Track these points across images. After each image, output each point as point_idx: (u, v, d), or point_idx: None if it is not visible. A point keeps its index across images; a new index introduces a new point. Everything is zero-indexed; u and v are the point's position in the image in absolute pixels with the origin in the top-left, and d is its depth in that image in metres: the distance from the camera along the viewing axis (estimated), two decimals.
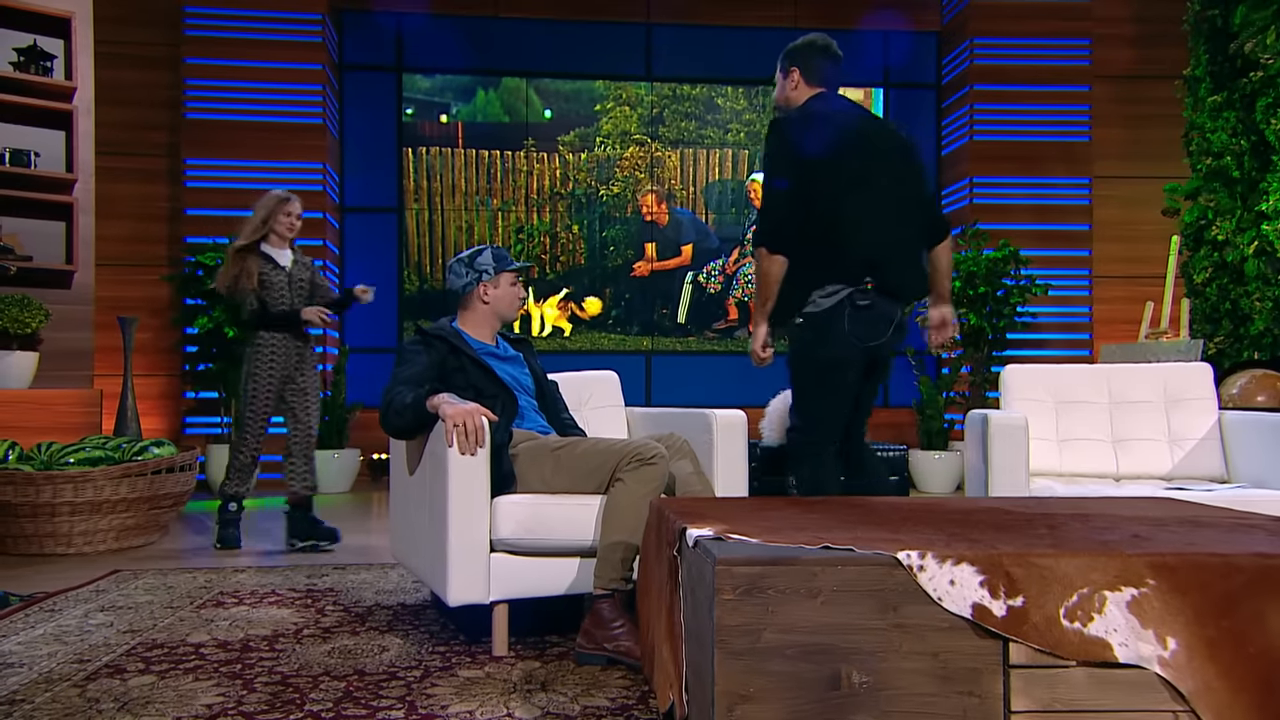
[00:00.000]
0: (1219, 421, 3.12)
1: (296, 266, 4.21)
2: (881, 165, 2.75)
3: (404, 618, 2.78)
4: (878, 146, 2.78)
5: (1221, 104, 6.03)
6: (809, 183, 2.68)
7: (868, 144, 2.76)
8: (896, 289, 2.72)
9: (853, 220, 2.68)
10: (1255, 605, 1.49)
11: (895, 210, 2.74)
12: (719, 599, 1.47)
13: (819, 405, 2.76)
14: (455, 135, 7.42)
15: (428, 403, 2.42)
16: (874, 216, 2.70)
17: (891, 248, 2.72)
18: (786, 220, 2.71)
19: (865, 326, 2.67)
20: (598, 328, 7.55)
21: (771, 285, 2.73)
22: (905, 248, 2.79)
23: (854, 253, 2.67)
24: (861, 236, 2.68)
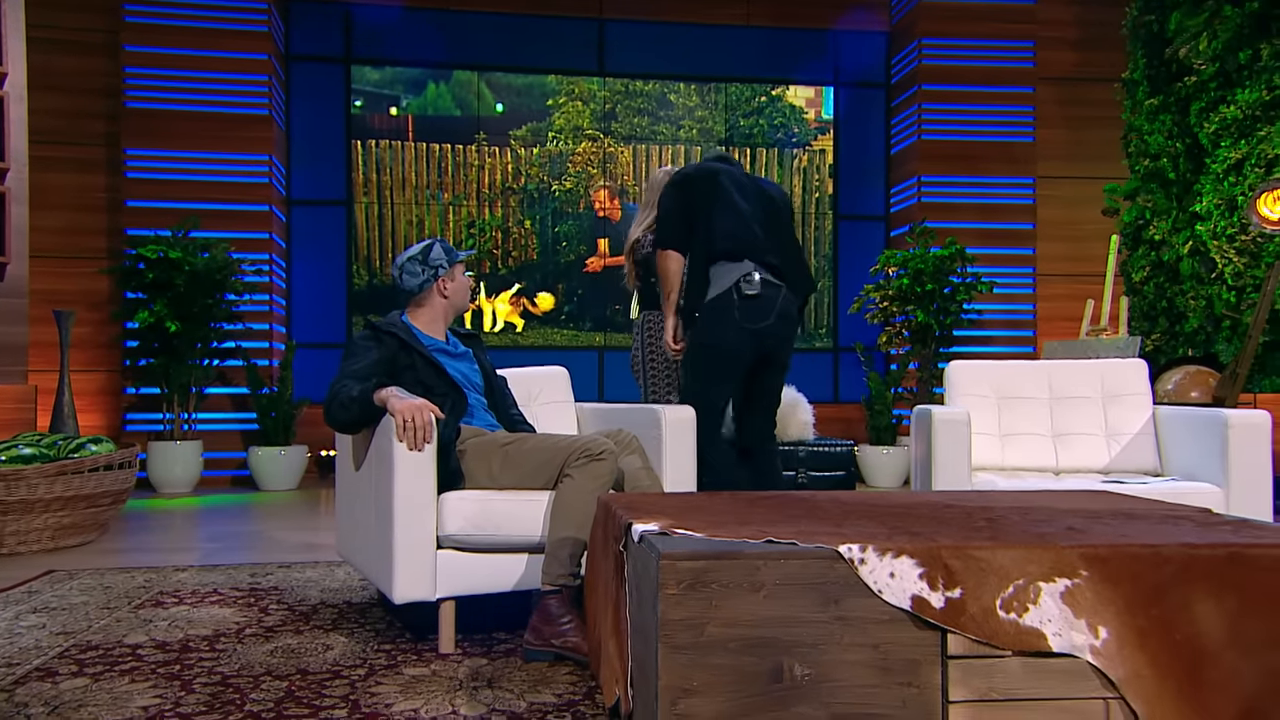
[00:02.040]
0: (1153, 416, 3.21)
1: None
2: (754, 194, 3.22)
3: (349, 616, 2.75)
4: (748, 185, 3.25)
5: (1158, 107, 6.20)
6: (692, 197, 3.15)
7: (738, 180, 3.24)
8: (780, 278, 3.11)
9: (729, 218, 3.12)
10: (1182, 594, 1.53)
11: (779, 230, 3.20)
12: (663, 593, 1.48)
13: (706, 390, 3.06)
14: (405, 128, 7.33)
15: (375, 396, 2.39)
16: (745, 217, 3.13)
17: (782, 255, 3.15)
18: (678, 223, 3.14)
19: (751, 313, 3.02)
20: (550, 323, 7.52)
21: (672, 280, 3.13)
22: (792, 261, 3.19)
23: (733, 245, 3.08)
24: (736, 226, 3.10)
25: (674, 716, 1.46)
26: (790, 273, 3.15)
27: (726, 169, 3.28)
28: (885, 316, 6.57)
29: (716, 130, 7.64)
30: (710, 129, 7.64)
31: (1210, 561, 1.54)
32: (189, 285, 5.94)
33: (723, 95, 7.66)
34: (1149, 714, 1.49)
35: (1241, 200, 5.54)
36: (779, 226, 3.23)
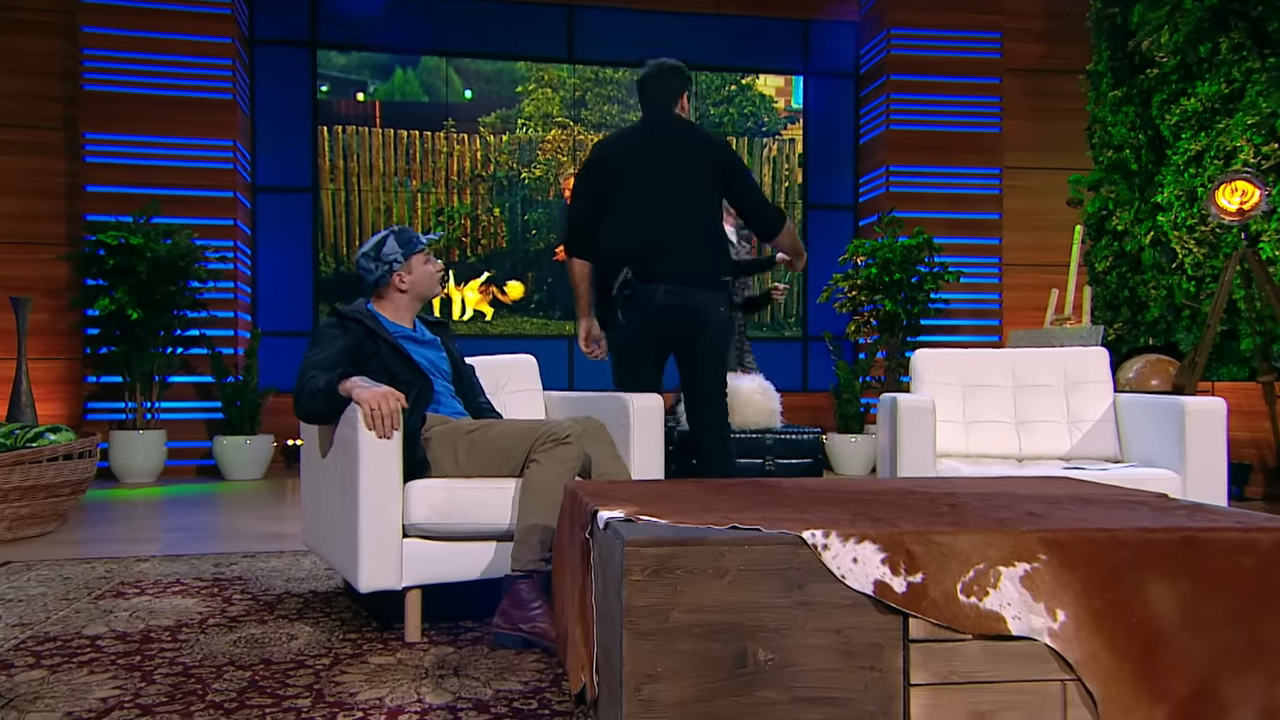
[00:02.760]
0: (1114, 404, 3.26)
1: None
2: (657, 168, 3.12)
3: (315, 605, 2.73)
4: (658, 153, 3.14)
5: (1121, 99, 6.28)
6: (592, 196, 3.15)
7: (642, 154, 3.15)
8: (657, 273, 3.05)
9: (614, 219, 3.11)
10: (1137, 578, 1.56)
11: (667, 208, 3.09)
12: (627, 580, 1.48)
13: (620, 384, 3.14)
14: (373, 114, 7.25)
15: (340, 386, 2.37)
16: (632, 214, 3.09)
17: (655, 239, 3.06)
18: (581, 228, 3.17)
19: (633, 312, 3.05)
20: (520, 312, 7.49)
21: (579, 286, 3.20)
22: (680, 241, 3.08)
23: (614, 248, 3.10)
24: (619, 232, 3.09)
25: (638, 702, 1.46)
26: (675, 264, 3.05)
27: (638, 140, 3.18)
28: (854, 305, 6.62)
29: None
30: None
31: (1165, 545, 1.57)
32: (151, 272, 5.85)
33: (693, 83, 7.65)
34: (1105, 695, 1.52)
35: (1201, 192, 5.63)
36: (676, 204, 3.09)
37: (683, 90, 3.27)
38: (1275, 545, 1.57)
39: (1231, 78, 5.53)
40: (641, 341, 3.10)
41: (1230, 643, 1.55)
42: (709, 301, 3.06)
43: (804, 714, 1.50)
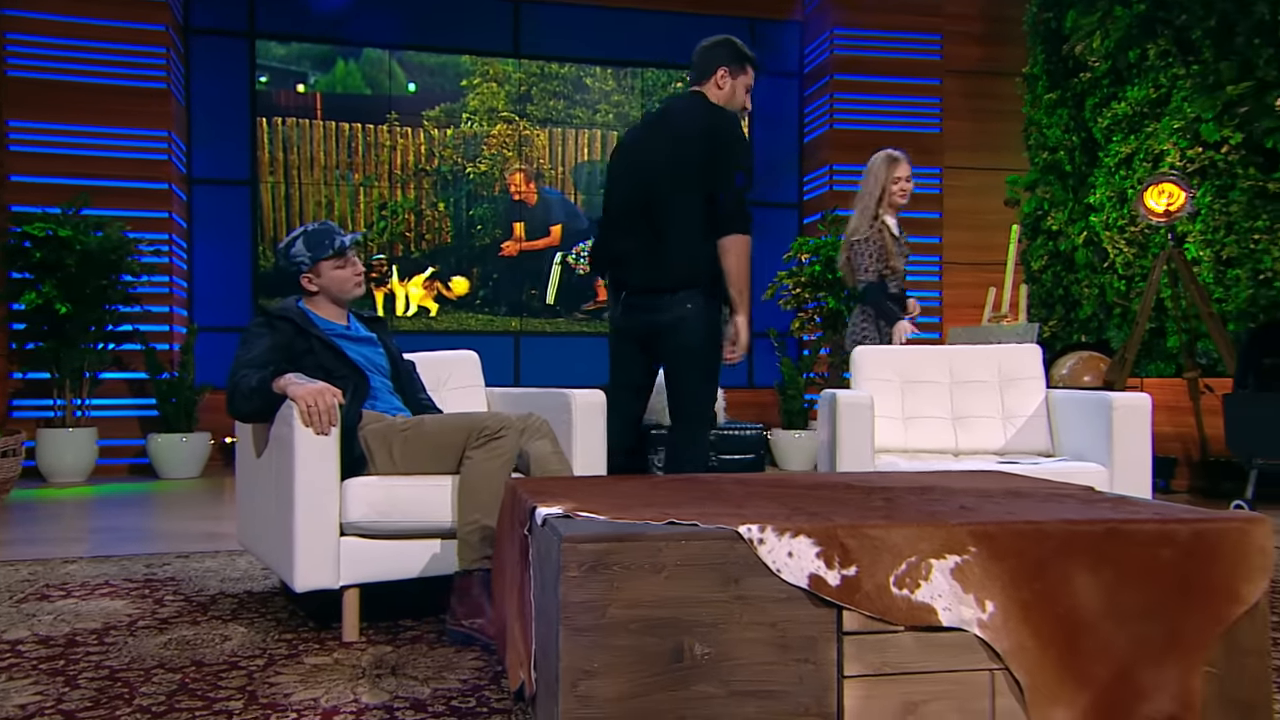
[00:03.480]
0: (1046, 399, 3.34)
1: (903, 239, 4.00)
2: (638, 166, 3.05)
3: (250, 606, 2.68)
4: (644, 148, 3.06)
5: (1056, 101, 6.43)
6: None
7: (632, 151, 3.11)
8: (627, 281, 3.06)
9: (603, 226, 3.16)
10: (1063, 569, 1.60)
11: (640, 209, 3.00)
12: (564, 576, 1.48)
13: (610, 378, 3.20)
14: (313, 106, 7.13)
15: (274, 384, 2.33)
16: (613, 220, 3.11)
17: (624, 246, 3.04)
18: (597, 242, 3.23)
19: (618, 313, 3.12)
20: (465, 308, 7.43)
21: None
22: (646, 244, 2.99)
23: (597, 254, 3.18)
24: (604, 239, 3.14)
25: (575, 698, 1.46)
26: (636, 273, 3.02)
27: (637, 134, 3.15)
28: (798, 303, 6.69)
29: (633, 115, 7.63)
30: (627, 113, 7.63)
31: (1089, 537, 1.61)
32: (81, 265, 5.68)
33: (639, 80, 7.66)
34: (1031, 684, 1.55)
35: (1131, 193, 5.80)
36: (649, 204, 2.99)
37: (716, 65, 3.04)
38: (1192, 537, 1.63)
39: (1159, 83, 5.70)
40: (622, 341, 3.15)
41: (1149, 631, 1.59)
42: (668, 304, 2.97)
43: (740, 707, 1.51)
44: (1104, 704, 1.58)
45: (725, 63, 3.07)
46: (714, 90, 3.06)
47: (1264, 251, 5.32)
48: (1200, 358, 5.45)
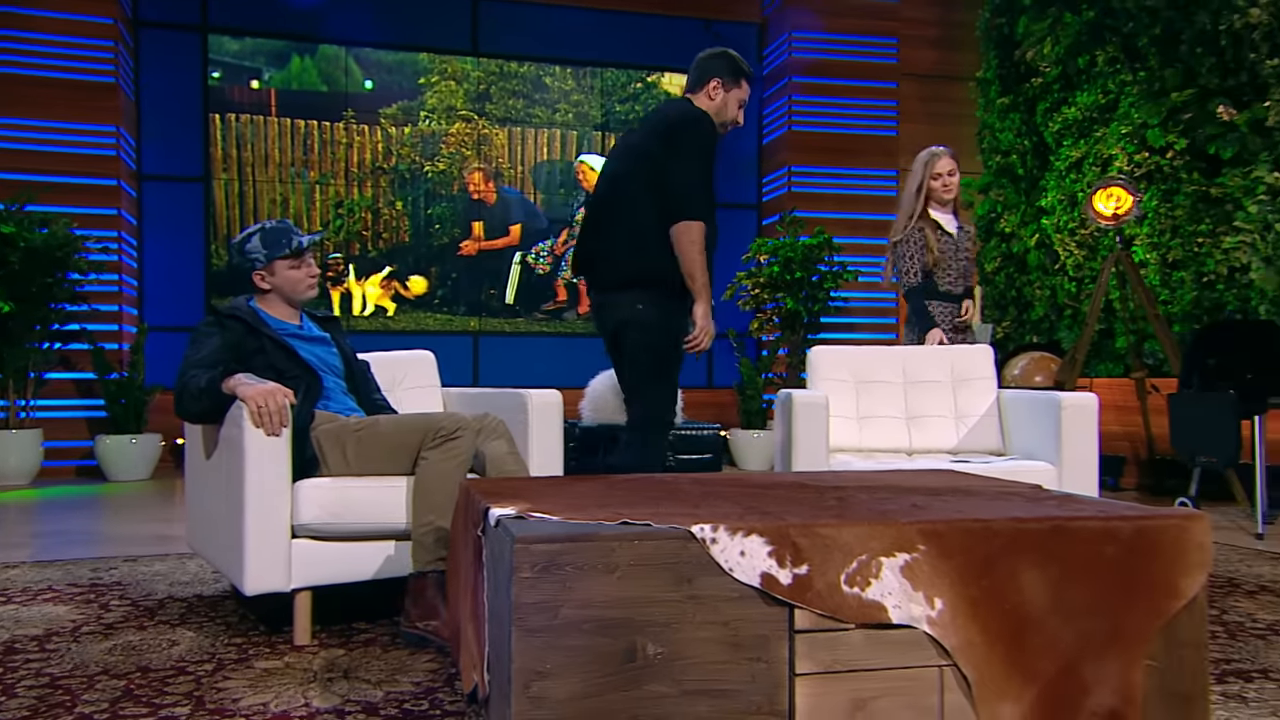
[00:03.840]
0: (998, 399, 3.39)
1: (963, 235, 3.89)
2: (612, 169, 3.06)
3: (199, 610, 2.63)
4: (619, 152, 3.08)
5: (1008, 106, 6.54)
6: None
7: (614, 152, 3.13)
8: (594, 282, 3.07)
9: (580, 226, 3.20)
10: (1010, 565, 1.62)
11: (606, 210, 3.03)
12: (517, 577, 1.47)
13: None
14: (268, 102, 7.03)
15: (223, 384, 2.29)
16: (584, 220, 3.14)
17: (591, 247, 3.05)
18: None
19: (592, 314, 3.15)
20: (423, 307, 7.37)
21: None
22: (607, 244, 3.02)
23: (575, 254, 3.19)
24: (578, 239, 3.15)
25: (527, 699, 1.46)
26: (599, 272, 3.02)
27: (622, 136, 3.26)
28: (757, 303, 6.72)
29: (593, 115, 7.63)
30: (586, 113, 7.62)
31: (1035, 534, 1.64)
32: (25, 263, 5.54)
33: (599, 80, 7.65)
34: (978, 679, 1.58)
35: (1081, 196, 5.91)
36: (612, 203, 3.01)
37: (710, 76, 3.02)
38: (1134, 534, 1.66)
39: (1107, 89, 5.82)
40: (604, 343, 3.17)
41: (1093, 626, 1.63)
42: (622, 300, 2.96)
43: (692, 706, 1.51)
44: (1049, 698, 1.61)
45: (719, 74, 3.05)
46: (705, 100, 3.05)
47: (1207, 255, 5.46)
48: (1147, 358, 5.58)
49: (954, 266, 3.90)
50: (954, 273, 3.90)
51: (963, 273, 3.93)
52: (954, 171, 3.92)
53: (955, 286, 3.92)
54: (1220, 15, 5.39)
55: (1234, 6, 5.34)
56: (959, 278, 3.92)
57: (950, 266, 3.90)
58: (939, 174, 3.90)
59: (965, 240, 3.94)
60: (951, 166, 3.92)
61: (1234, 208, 5.43)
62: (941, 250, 3.87)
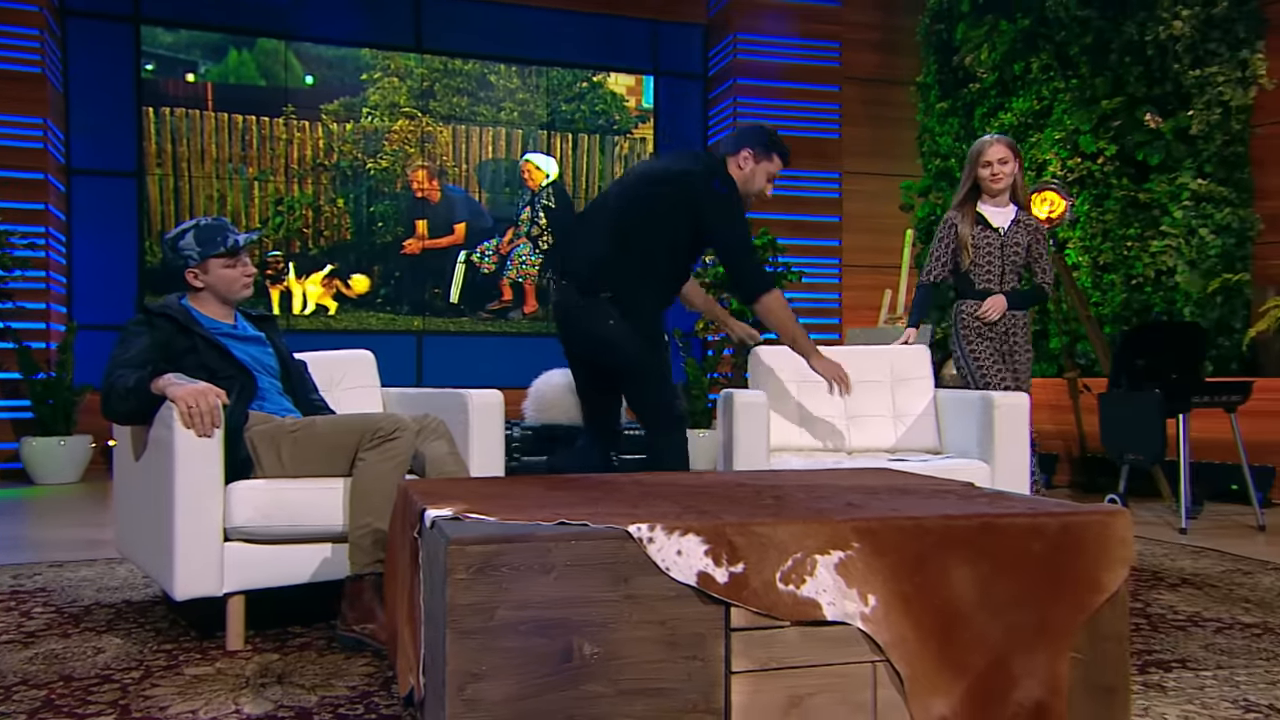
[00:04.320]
0: (934, 399, 3.45)
1: (1016, 230, 3.62)
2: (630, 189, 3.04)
3: (128, 616, 2.56)
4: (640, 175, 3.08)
5: (947, 110, 6.66)
6: None
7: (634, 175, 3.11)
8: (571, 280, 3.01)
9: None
10: (941, 562, 1.65)
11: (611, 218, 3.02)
12: (451, 579, 1.46)
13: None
14: (204, 96, 6.87)
15: (152, 384, 2.23)
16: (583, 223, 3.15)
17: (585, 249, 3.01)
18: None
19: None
20: (365, 306, 7.28)
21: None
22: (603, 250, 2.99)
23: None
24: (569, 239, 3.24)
25: (462, 702, 1.45)
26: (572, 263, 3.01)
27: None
28: None
29: (538, 114, 7.60)
30: (532, 112, 7.59)
31: (966, 531, 1.67)
32: None
33: (544, 79, 7.62)
34: (910, 674, 1.61)
35: None
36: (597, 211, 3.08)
37: (744, 145, 3.08)
38: (1060, 530, 1.71)
39: (1042, 95, 5.96)
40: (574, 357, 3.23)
41: (1021, 621, 1.66)
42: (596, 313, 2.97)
43: (629, 706, 1.52)
44: (979, 692, 1.64)
45: (752, 145, 3.10)
46: (735, 168, 3.09)
47: (1135, 258, 5.63)
48: (1080, 359, 5.73)
49: (994, 264, 3.66)
50: (994, 271, 3.65)
51: (1008, 271, 3.66)
52: (1006, 160, 3.61)
53: (995, 284, 3.67)
54: (1146, 26, 5.55)
55: (1159, 18, 5.51)
56: (1000, 276, 3.66)
57: (989, 264, 3.66)
58: (988, 162, 3.62)
59: (1020, 235, 3.65)
60: (1003, 155, 3.62)
61: (1160, 213, 5.61)
62: (977, 245, 3.64)
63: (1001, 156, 3.61)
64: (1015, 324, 3.68)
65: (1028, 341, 3.71)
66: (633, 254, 2.94)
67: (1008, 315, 3.65)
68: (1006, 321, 3.66)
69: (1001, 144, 3.66)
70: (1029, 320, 3.74)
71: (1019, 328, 3.68)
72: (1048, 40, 5.95)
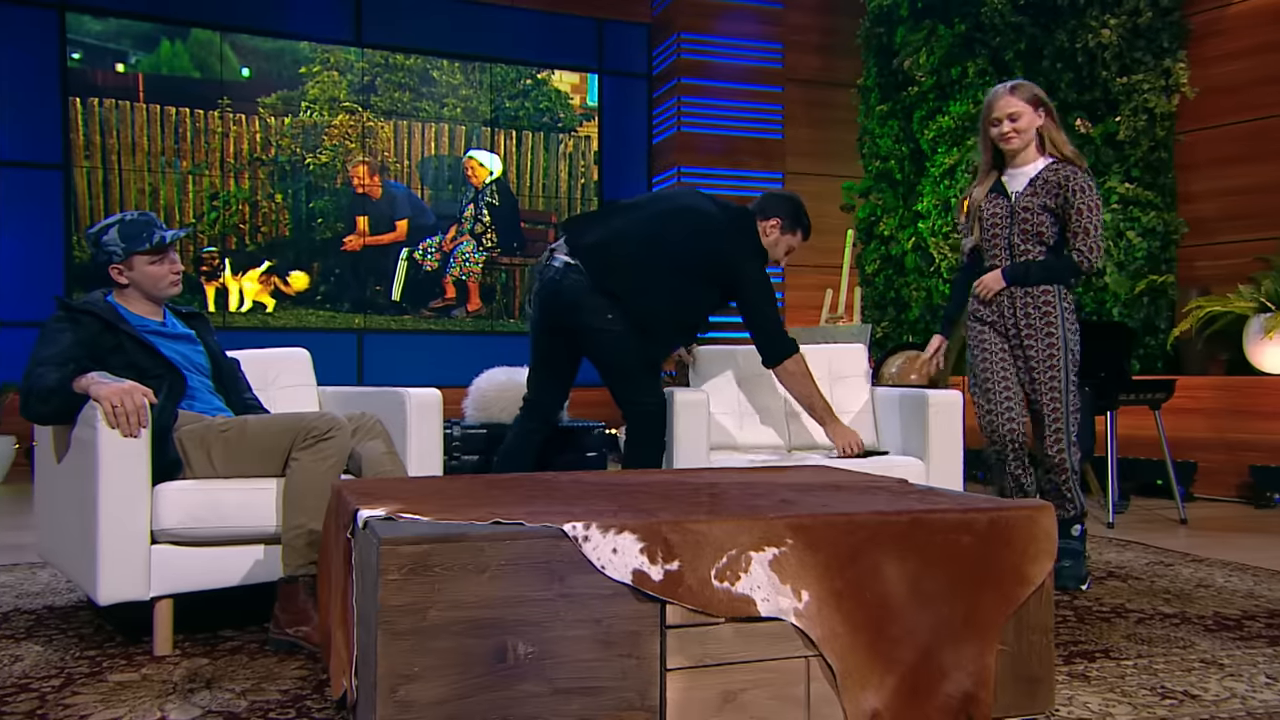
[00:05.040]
0: (871, 397, 3.51)
1: (1034, 190, 2.89)
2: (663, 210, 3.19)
3: (49, 622, 2.48)
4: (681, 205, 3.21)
5: (887, 113, 6.76)
6: None
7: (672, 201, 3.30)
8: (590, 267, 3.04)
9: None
10: (873, 558, 1.68)
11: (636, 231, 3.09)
12: (383, 579, 1.44)
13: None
14: (135, 87, 6.68)
15: (75, 384, 2.17)
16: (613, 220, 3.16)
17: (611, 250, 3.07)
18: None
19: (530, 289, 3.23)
20: (305, 304, 7.15)
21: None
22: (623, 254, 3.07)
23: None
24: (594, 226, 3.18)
25: (394, 704, 1.43)
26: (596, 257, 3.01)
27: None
28: None
29: (482, 111, 7.54)
30: (475, 109, 7.53)
31: (896, 527, 1.70)
32: None
33: (488, 75, 7.56)
34: (842, 668, 1.63)
35: (954, 202, 6.17)
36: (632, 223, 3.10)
37: (775, 214, 3.21)
38: (988, 525, 1.74)
39: (978, 99, 6.08)
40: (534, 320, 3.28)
41: (950, 615, 1.70)
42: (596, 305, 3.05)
43: (564, 705, 1.52)
44: (909, 685, 1.67)
45: (783, 216, 3.22)
46: (761, 233, 3.20)
47: None
48: None
49: (1001, 235, 2.97)
50: (1000, 244, 2.98)
51: (1019, 242, 2.93)
52: (1018, 115, 2.87)
53: (1002, 260, 2.98)
54: (1076, 34, 5.70)
55: (1088, 26, 5.66)
56: (1009, 249, 2.96)
57: (996, 236, 2.98)
58: (996, 120, 2.91)
59: (1038, 197, 2.90)
60: (1014, 109, 2.87)
61: None
62: (984, 216, 3.01)
63: (1012, 112, 2.87)
64: (1023, 306, 2.93)
65: (1047, 332, 2.90)
66: (659, 290, 3.03)
67: (1010, 295, 2.95)
68: (1009, 303, 2.95)
69: (1011, 96, 2.88)
70: (1053, 302, 2.90)
71: (1030, 311, 2.92)
72: (984, 45, 6.07)
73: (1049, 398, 2.92)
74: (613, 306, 2.98)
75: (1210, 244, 5.69)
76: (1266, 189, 5.42)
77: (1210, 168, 5.65)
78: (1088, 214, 2.87)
